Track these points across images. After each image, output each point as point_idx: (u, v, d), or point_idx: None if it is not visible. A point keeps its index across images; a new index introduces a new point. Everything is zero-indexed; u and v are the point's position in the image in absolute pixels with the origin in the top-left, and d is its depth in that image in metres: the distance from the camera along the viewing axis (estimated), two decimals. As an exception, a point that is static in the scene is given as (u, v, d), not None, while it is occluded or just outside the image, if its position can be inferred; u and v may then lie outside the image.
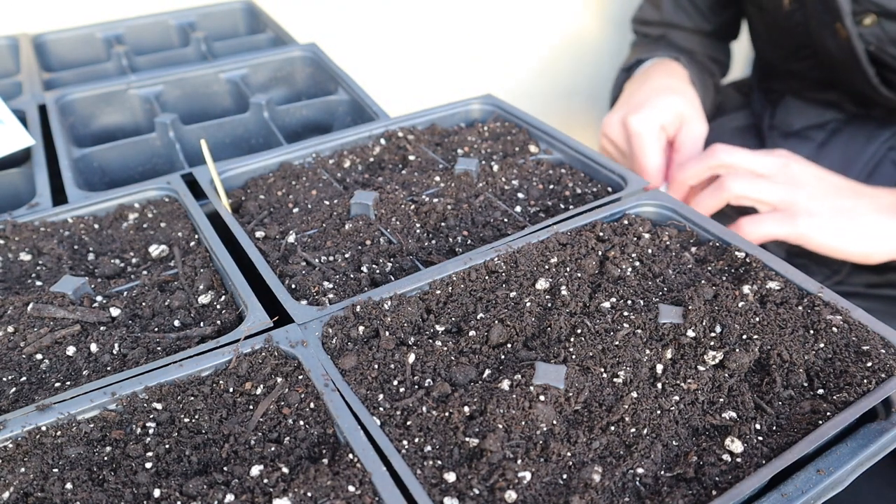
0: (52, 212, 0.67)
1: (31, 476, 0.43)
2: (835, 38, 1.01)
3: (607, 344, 0.50)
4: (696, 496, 0.42)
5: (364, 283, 0.58)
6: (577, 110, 1.83)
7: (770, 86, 1.25)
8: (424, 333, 0.53)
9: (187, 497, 0.41)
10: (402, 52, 1.48)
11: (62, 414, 0.45)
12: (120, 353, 0.52)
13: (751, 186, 0.88)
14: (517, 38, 1.61)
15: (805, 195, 0.88)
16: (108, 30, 1.11)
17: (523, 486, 0.41)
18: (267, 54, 1.01)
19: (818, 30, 1.03)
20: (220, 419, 0.47)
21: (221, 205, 0.67)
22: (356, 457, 0.42)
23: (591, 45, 1.72)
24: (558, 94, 1.77)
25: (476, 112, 0.86)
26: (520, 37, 1.61)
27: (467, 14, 1.51)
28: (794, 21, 1.07)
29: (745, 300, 0.53)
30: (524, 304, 0.54)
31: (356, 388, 0.48)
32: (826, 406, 0.46)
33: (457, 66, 1.57)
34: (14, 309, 0.54)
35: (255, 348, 0.51)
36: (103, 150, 0.83)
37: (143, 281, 0.58)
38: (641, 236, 0.62)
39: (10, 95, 0.91)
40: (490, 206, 0.68)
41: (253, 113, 0.90)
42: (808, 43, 1.08)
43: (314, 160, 0.76)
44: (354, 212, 0.65)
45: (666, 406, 0.47)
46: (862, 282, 1.12)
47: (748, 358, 0.49)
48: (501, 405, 0.45)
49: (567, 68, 1.73)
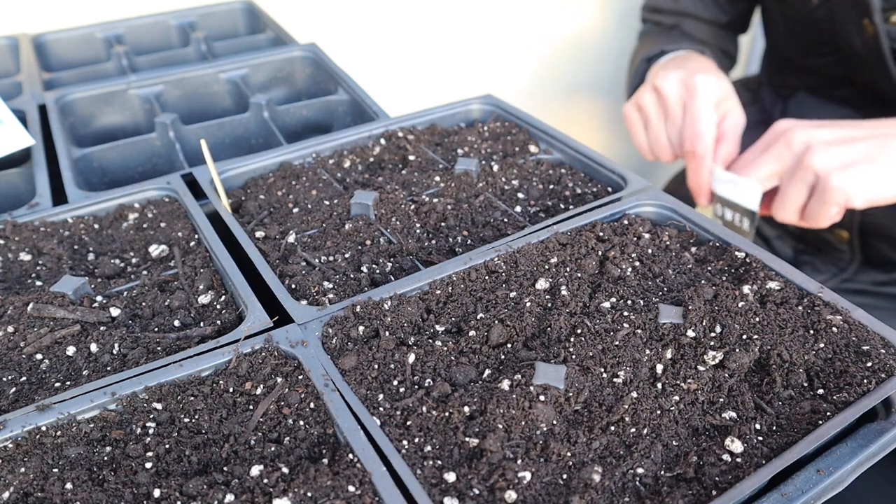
0: (52, 212, 0.67)
1: (31, 476, 0.43)
2: (861, 35, 0.99)
3: (607, 344, 0.50)
4: (696, 496, 0.42)
5: (364, 283, 0.58)
6: (577, 110, 1.83)
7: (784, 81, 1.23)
8: (424, 333, 0.53)
9: (187, 497, 0.41)
10: (402, 52, 1.47)
11: (62, 414, 0.45)
12: (120, 353, 0.52)
13: (838, 154, 0.80)
14: (517, 38, 1.61)
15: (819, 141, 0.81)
16: (108, 30, 1.11)
17: (523, 486, 0.41)
18: (267, 54, 1.01)
19: (843, 25, 1.01)
20: (220, 419, 0.47)
21: (221, 205, 0.67)
22: (356, 457, 0.42)
23: (591, 45, 1.72)
24: (558, 94, 1.77)
25: (476, 112, 0.86)
26: (520, 37, 1.61)
27: (467, 14, 1.51)
28: (818, 16, 1.05)
29: (745, 300, 0.53)
30: (524, 304, 0.54)
31: (356, 388, 0.48)
32: (826, 406, 0.46)
33: (457, 66, 1.57)
34: (14, 309, 0.54)
35: (255, 348, 0.51)
36: (103, 150, 0.83)
37: (143, 281, 0.58)
38: (641, 236, 0.62)
39: (10, 95, 0.91)
40: (490, 206, 0.68)
41: (253, 113, 0.90)
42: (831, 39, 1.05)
43: (314, 160, 0.76)
44: (354, 212, 0.65)
45: (666, 406, 0.47)
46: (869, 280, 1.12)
47: (748, 358, 0.49)
48: (501, 405, 0.45)
49: (567, 68, 1.73)
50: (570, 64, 1.73)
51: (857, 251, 1.11)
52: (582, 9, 1.65)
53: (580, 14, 1.65)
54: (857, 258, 1.12)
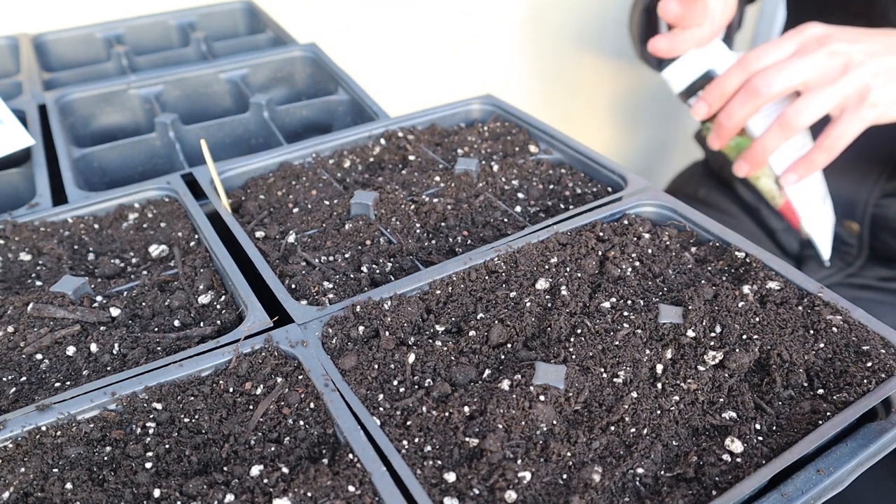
0: (52, 212, 0.67)
1: (31, 476, 0.43)
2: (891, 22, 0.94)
3: (607, 344, 0.50)
4: (696, 496, 0.42)
5: (364, 283, 0.58)
6: (577, 110, 1.83)
7: None
8: (424, 333, 0.53)
9: (187, 497, 0.41)
10: (403, 52, 1.47)
11: (62, 414, 0.45)
12: (120, 353, 0.52)
13: (786, 73, 0.74)
14: (518, 39, 1.61)
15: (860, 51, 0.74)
16: (108, 30, 1.11)
17: (523, 486, 0.41)
18: (267, 54, 1.01)
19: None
20: (220, 419, 0.47)
21: (221, 205, 0.67)
22: (356, 457, 0.42)
23: (591, 45, 1.72)
24: (559, 94, 1.77)
25: (476, 112, 0.86)
26: (520, 37, 1.61)
27: (468, 14, 1.51)
28: None
29: (745, 300, 0.53)
30: (524, 304, 0.54)
31: (356, 388, 0.48)
32: (826, 406, 0.46)
33: (457, 66, 1.57)
34: (14, 309, 0.54)
35: (255, 348, 0.51)
36: (103, 150, 0.83)
37: (143, 281, 0.58)
38: (641, 236, 0.62)
39: (10, 95, 0.91)
40: (490, 206, 0.68)
41: (253, 113, 0.90)
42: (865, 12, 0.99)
43: (314, 160, 0.76)
44: (354, 212, 0.65)
45: (666, 406, 0.47)
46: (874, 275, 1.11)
47: (748, 358, 0.49)
48: (501, 405, 0.45)
49: (568, 68, 1.73)
50: (570, 64, 1.73)
51: (865, 245, 1.10)
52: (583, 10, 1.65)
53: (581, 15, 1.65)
54: (865, 253, 1.11)
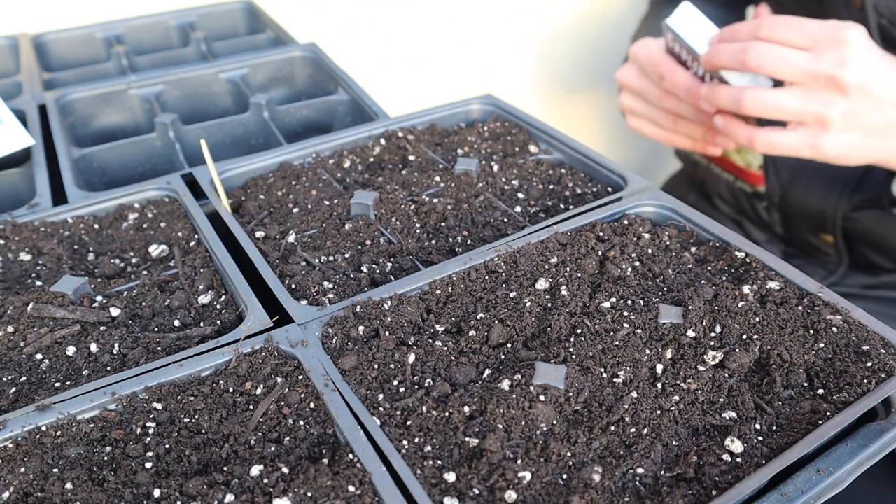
0: (52, 212, 0.67)
1: (31, 476, 0.43)
2: (848, 7, 0.96)
3: (607, 344, 0.50)
4: (696, 496, 0.42)
5: (364, 283, 0.58)
6: (577, 110, 1.83)
7: None
8: (424, 333, 0.53)
9: (187, 497, 0.41)
10: (403, 52, 1.47)
11: (62, 414, 0.45)
12: (120, 353, 0.52)
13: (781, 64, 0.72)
14: (518, 39, 1.61)
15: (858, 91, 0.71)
16: (108, 30, 1.11)
17: (523, 486, 0.41)
18: (267, 54, 1.01)
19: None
20: (220, 419, 0.47)
21: (221, 205, 0.67)
22: (356, 457, 0.42)
23: (591, 45, 1.72)
24: (559, 94, 1.77)
25: (476, 112, 0.86)
26: (520, 36, 1.61)
27: (468, 14, 1.51)
28: None
29: (745, 300, 0.53)
30: (524, 304, 0.54)
31: (356, 388, 0.48)
32: (826, 406, 0.46)
33: (457, 66, 1.57)
34: (14, 309, 0.54)
35: (255, 348, 0.51)
36: (103, 150, 0.83)
37: (143, 281, 0.58)
38: (641, 236, 0.62)
39: (10, 95, 0.91)
40: (490, 206, 0.68)
41: (253, 113, 0.90)
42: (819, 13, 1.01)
43: (314, 160, 0.76)
44: (354, 212, 0.65)
45: (666, 406, 0.47)
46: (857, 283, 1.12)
47: (748, 358, 0.49)
48: (501, 405, 0.45)
49: (568, 69, 1.73)
50: (570, 64, 1.73)
51: (844, 255, 1.11)
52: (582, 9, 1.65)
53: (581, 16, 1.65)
54: (845, 261, 1.12)
